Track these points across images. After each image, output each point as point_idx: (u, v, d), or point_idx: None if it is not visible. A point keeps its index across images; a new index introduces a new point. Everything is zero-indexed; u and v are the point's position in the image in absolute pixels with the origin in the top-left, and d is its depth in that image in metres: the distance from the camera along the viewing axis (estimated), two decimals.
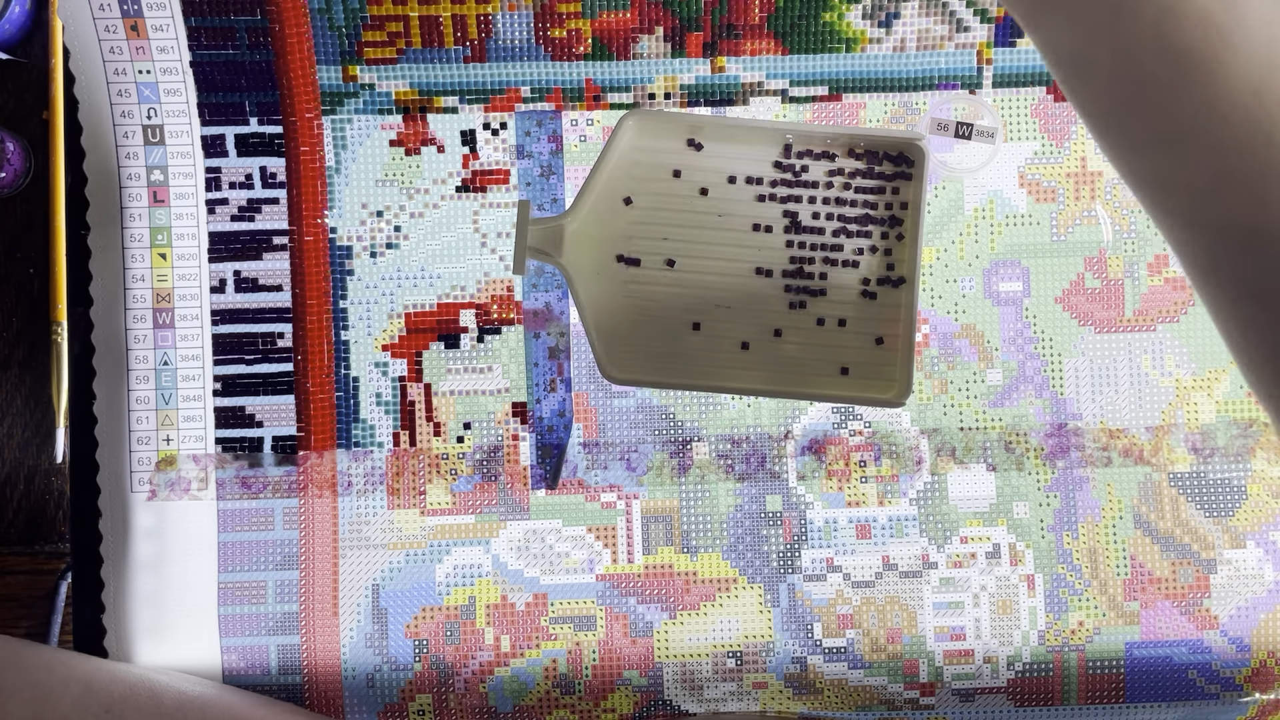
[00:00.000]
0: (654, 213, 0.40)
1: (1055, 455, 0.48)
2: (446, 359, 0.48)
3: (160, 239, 0.48)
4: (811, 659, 0.48)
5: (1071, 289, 0.49)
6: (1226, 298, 0.29)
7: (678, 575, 0.48)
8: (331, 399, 0.48)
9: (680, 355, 0.40)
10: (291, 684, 0.48)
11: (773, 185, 0.40)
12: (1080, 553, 0.48)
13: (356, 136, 0.48)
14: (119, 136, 0.47)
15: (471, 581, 0.48)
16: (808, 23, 0.48)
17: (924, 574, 0.48)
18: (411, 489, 0.48)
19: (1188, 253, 0.29)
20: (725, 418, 0.48)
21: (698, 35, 0.48)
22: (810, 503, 0.48)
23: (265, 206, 0.48)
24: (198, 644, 0.48)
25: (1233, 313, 0.29)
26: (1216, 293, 0.29)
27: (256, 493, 0.48)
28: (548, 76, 0.48)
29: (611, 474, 0.48)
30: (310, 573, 0.48)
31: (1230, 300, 0.29)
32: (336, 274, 0.48)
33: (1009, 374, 0.49)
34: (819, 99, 0.48)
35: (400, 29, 0.47)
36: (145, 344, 0.48)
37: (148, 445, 0.48)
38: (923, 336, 0.49)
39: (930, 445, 0.48)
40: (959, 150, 0.48)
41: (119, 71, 0.47)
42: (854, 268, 0.40)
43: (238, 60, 0.47)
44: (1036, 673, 0.48)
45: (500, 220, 0.49)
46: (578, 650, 0.48)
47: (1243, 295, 0.28)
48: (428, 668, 0.48)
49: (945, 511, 0.48)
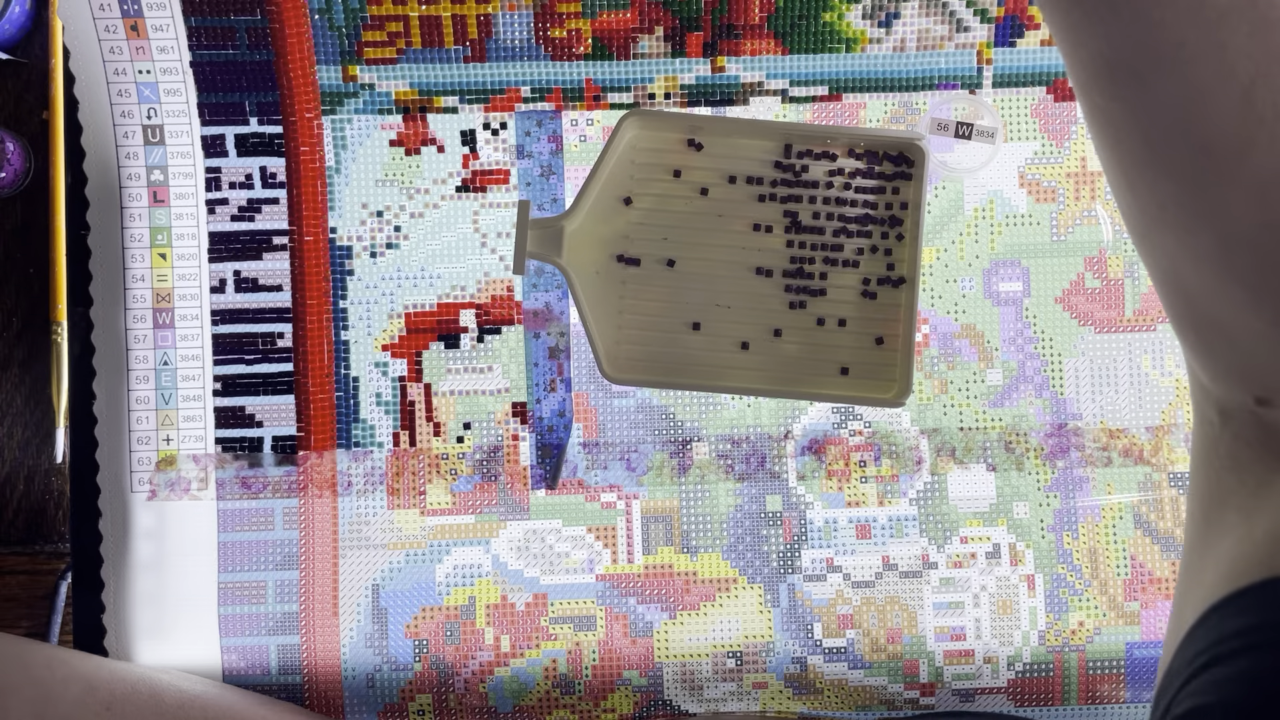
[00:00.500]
0: (654, 213, 0.40)
1: (1055, 455, 0.48)
2: (446, 359, 0.48)
3: (160, 239, 0.48)
4: (811, 659, 0.48)
5: (1071, 289, 0.49)
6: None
7: (678, 575, 0.48)
8: (331, 399, 0.48)
9: (680, 355, 0.40)
10: (291, 684, 0.48)
11: (773, 185, 0.40)
12: (1080, 553, 0.48)
13: (356, 136, 0.48)
14: (119, 136, 0.47)
15: (471, 581, 0.48)
16: (808, 23, 0.48)
17: (924, 574, 0.48)
18: (411, 489, 0.48)
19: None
20: (725, 418, 0.48)
21: (698, 35, 0.48)
22: (810, 503, 0.48)
23: (265, 206, 0.48)
24: (198, 644, 0.48)
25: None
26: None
27: (256, 493, 0.48)
28: (548, 76, 0.48)
29: (611, 474, 0.48)
30: (310, 573, 0.48)
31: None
32: (336, 274, 0.48)
33: (1009, 374, 0.49)
34: (819, 99, 0.48)
35: (400, 29, 0.47)
36: (145, 344, 0.48)
37: (148, 445, 0.48)
38: (923, 336, 0.49)
39: (930, 445, 0.48)
40: (959, 150, 0.48)
41: (119, 71, 0.47)
42: (854, 268, 0.40)
43: (238, 60, 0.47)
44: (1037, 673, 0.48)
45: (500, 220, 0.49)
46: (578, 650, 0.48)
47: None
48: (428, 668, 0.48)
49: (945, 511, 0.48)
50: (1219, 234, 0.26)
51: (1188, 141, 0.25)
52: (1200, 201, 0.26)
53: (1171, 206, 0.27)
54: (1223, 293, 0.27)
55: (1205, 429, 0.31)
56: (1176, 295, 0.29)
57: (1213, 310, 0.28)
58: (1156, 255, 0.29)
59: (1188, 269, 0.27)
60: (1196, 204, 0.26)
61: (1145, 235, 0.29)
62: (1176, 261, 0.28)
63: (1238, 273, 0.26)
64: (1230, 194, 0.25)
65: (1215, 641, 0.27)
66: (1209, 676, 0.26)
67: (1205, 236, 0.26)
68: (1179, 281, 0.28)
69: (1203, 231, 0.26)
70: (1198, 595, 0.29)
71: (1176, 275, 0.28)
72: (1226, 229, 0.26)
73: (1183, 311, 0.29)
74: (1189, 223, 0.26)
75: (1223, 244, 0.26)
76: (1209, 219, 0.26)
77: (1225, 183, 0.25)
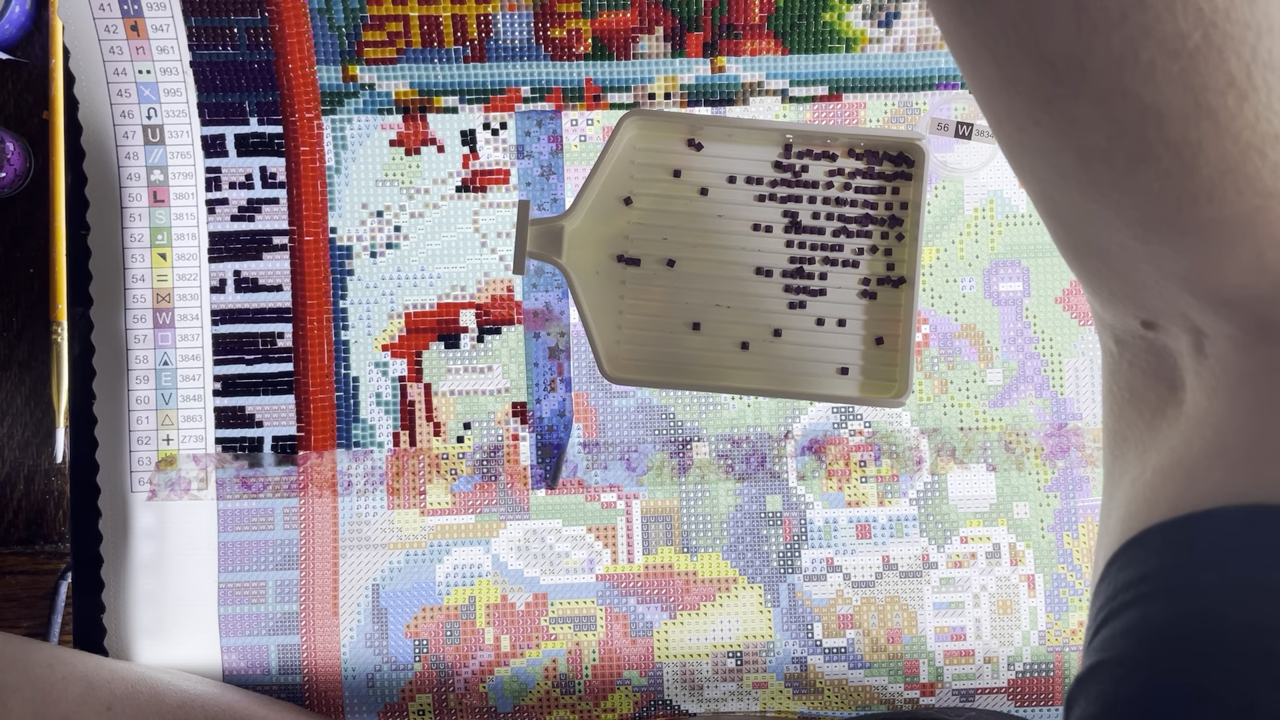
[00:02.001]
0: (654, 213, 0.40)
1: (1055, 455, 0.48)
2: (446, 359, 0.48)
3: (160, 239, 0.48)
4: (811, 659, 0.48)
5: (1072, 289, 0.49)
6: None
7: (678, 575, 0.48)
8: (331, 399, 0.48)
9: (680, 355, 0.40)
10: (291, 684, 0.48)
11: (773, 185, 0.40)
12: (1080, 553, 0.48)
13: (356, 136, 0.48)
14: (119, 136, 0.47)
15: (471, 581, 0.48)
16: (808, 23, 0.48)
17: (924, 574, 0.48)
18: (411, 489, 0.48)
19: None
20: (725, 418, 0.48)
21: (698, 35, 0.48)
22: (810, 503, 0.48)
23: (265, 206, 0.48)
24: (198, 644, 0.48)
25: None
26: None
27: (256, 493, 0.48)
28: (548, 76, 0.48)
29: (611, 474, 0.48)
30: (310, 573, 0.48)
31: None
32: (336, 274, 0.48)
33: (1009, 374, 0.49)
34: (819, 99, 0.48)
35: (400, 29, 0.47)
36: (145, 344, 0.48)
37: (148, 445, 0.48)
38: (923, 336, 0.49)
39: (930, 445, 0.48)
40: (959, 150, 0.48)
41: (119, 71, 0.47)
42: (854, 268, 0.40)
43: (238, 60, 0.47)
44: (1037, 673, 0.48)
45: (500, 220, 0.49)
46: (578, 650, 0.48)
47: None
48: (428, 668, 0.48)
49: (945, 511, 0.48)
50: (1075, 149, 0.26)
51: (1030, 58, 0.25)
52: (1054, 118, 0.26)
53: (1030, 127, 0.26)
54: (1091, 212, 0.27)
55: (1106, 360, 0.31)
56: (1053, 220, 0.29)
57: (1086, 232, 0.28)
58: (1028, 180, 0.29)
59: (1058, 192, 0.27)
60: (1052, 121, 0.26)
61: (1017, 161, 0.29)
62: (1046, 185, 0.28)
63: (1100, 188, 0.26)
64: (1078, 108, 0.25)
65: (1110, 596, 0.26)
66: (1106, 632, 0.26)
67: (1065, 155, 0.26)
68: (1052, 206, 0.28)
69: (1062, 150, 0.26)
70: (1105, 544, 0.29)
71: (1049, 199, 0.28)
72: (1081, 142, 0.25)
73: (1062, 236, 0.29)
74: (1048, 142, 0.26)
75: (1080, 159, 0.26)
76: (1064, 136, 0.26)
77: (1071, 96, 0.25)
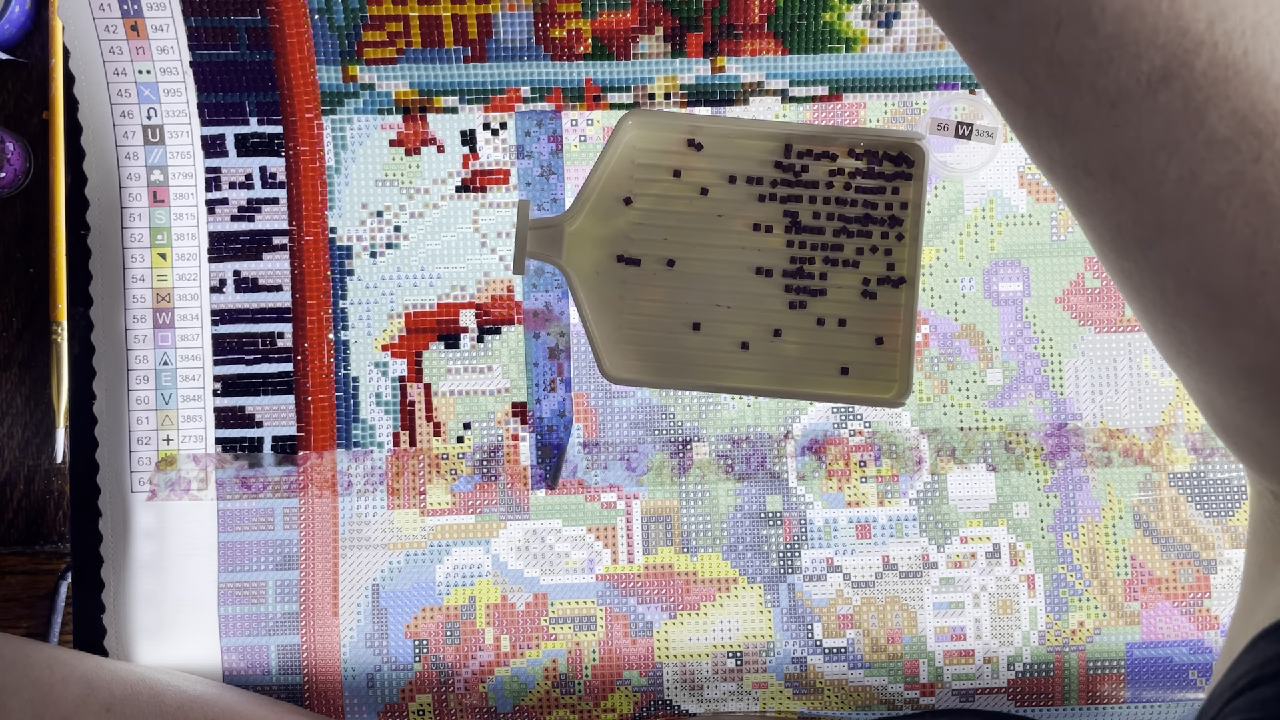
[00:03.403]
0: (654, 213, 0.40)
1: (1055, 455, 0.48)
2: (446, 359, 0.48)
3: (160, 239, 0.48)
4: (811, 659, 0.48)
5: (1071, 289, 0.49)
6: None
7: (678, 575, 0.48)
8: (331, 399, 0.48)
9: (680, 355, 0.40)
10: (291, 684, 0.48)
11: (773, 185, 0.40)
12: (1080, 553, 0.48)
13: (356, 136, 0.48)
14: (119, 136, 0.47)
15: (471, 581, 0.48)
16: (808, 23, 0.48)
17: (924, 574, 0.48)
18: (411, 489, 0.48)
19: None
20: (725, 418, 0.48)
21: (698, 35, 0.48)
22: (810, 503, 0.48)
23: (265, 206, 0.48)
24: (198, 644, 0.48)
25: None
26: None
27: (256, 493, 0.48)
28: (548, 76, 0.48)
29: (611, 474, 0.48)
30: (310, 573, 0.48)
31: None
32: (336, 274, 0.48)
33: (1009, 374, 0.49)
34: (819, 99, 0.48)
35: (400, 29, 0.47)
36: (145, 344, 0.48)
37: (148, 445, 0.48)
38: (923, 336, 0.49)
39: (930, 445, 0.48)
40: (959, 150, 0.48)
41: (119, 71, 0.47)
42: (854, 268, 0.40)
43: (238, 60, 0.47)
44: (1037, 673, 0.48)
45: (500, 220, 0.49)
46: (578, 650, 0.48)
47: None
48: (428, 668, 0.48)
49: (945, 511, 0.48)
50: (1238, 366, 0.28)
51: (1199, 292, 0.27)
52: (1219, 340, 0.28)
53: (1192, 344, 0.28)
54: (1248, 410, 0.29)
55: (1261, 501, 0.33)
56: (1207, 409, 0.31)
57: (1240, 422, 0.30)
58: (1183, 377, 0.31)
59: (1213, 391, 0.29)
60: (1216, 342, 0.28)
61: (1172, 361, 0.31)
62: (1201, 384, 0.30)
63: (1260, 394, 0.28)
64: (1245, 334, 0.27)
65: (1259, 664, 0.28)
66: (1253, 695, 0.27)
67: (1225, 368, 0.28)
68: (1207, 400, 0.30)
69: (1223, 364, 0.28)
70: (1249, 631, 0.30)
71: (1204, 395, 0.30)
72: (1245, 361, 0.27)
73: (1214, 422, 0.31)
74: (1209, 356, 0.28)
75: (1243, 373, 0.28)
76: (1228, 354, 0.28)
77: (1239, 324, 0.27)
